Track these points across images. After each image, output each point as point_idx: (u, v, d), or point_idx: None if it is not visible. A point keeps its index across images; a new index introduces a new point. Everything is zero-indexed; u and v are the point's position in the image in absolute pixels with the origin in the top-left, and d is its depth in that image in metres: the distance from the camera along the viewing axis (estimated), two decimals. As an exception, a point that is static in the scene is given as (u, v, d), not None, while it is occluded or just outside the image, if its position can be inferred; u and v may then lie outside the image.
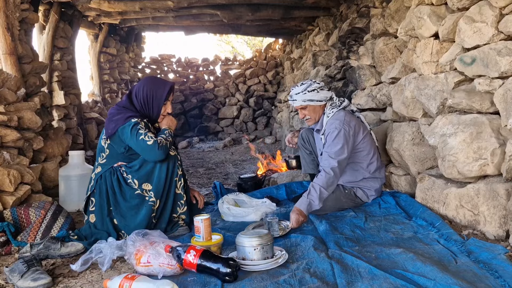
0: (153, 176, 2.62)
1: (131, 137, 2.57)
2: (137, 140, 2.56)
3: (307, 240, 2.32)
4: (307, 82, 2.95)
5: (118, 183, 2.63)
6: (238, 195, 3.22)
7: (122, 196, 2.62)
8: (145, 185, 2.62)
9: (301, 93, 2.91)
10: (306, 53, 7.61)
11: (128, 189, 2.62)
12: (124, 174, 2.64)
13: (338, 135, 2.79)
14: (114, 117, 2.66)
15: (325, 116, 2.93)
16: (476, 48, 2.41)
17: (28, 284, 1.94)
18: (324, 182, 2.70)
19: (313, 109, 2.97)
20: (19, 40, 4.15)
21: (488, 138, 2.33)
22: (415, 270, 1.85)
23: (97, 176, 2.67)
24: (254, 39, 14.84)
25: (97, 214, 2.62)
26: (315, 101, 2.92)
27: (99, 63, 7.98)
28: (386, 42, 3.76)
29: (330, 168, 2.73)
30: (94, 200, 2.65)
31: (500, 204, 2.23)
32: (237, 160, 6.91)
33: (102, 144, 2.73)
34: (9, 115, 3.39)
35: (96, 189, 2.65)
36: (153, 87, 2.78)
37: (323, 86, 2.95)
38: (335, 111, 2.91)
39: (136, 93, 2.78)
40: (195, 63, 11.76)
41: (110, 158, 2.70)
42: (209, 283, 1.86)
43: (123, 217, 2.60)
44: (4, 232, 2.55)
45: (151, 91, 2.76)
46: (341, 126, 2.81)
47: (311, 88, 2.90)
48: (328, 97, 2.95)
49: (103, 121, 7.34)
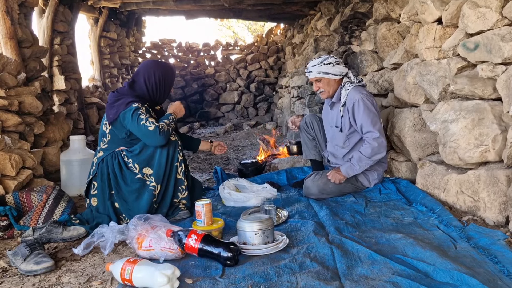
0: (153, 160, 2.63)
1: (132, 122, 2.57)
2: (138, 125, 2.56)
3: (308, 225, 2.33)
4: (324, 56, 3.00)
5: (119, 167, 2.64)
6: (239, 180, 3.22)
7: (123, 180, 2.63)
8: (146, 169, 2.63)
9: (317, 66, 2.96)
10: (307, 38, 7.55)
11: (129, 173, 2.63)
12: (125, 158, 2.65)
13: (366, 106, 2.85)
14: (115, 103, 2.65)
15: (344, 89, 2.97)
16: (479, 34, 2.38)
17: (31, 267, 1.95)
18: (367, 151, 2.83)
19: (327, 82, 3.00)
20: (19, 24, 4.12)
21: (489, 124, 2.32)
22: (414, 255, 1.86)
23: (98, 160, 2.69)
24: (255, 24, 14.70)
25: (99, 198, 2.64)
26: (330, 74, 2.96)
27: (99, 47, 7.92)
28: (388, 27, 3.72)
29: (372, 138, 2.83)
30: (96, 183, 2.67)
31: (500, 190, 2.23)
32: (238, 146, 6.92)
33: (104, 129, 2.73)
34: (9, 100, 3.38)
35: (98, 173, 2.66)
36: (164, 71, 2.81)
37: (339, 61, 2.98)
38: (354, 85, 2.96)
39: (146, 79, 2.76)
40: (195, 48, 11.69)
41: (112, 143, 2.71)
42: (210, 267, 1.88)
43: (124, 201, 2.61)
44: (7, 216, 2.56)
45: (163, 76, 2.79)
46: (366, 98, 2.88)
47: (327, 62, 2.94)
48: (344, 73, 2.99)
49: (104, 106, 7.32)
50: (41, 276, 1.94)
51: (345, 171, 2.89)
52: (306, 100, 6.03)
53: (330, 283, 1.64)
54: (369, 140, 2.84)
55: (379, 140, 2.82)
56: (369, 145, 2.84)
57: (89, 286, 1.82)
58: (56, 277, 1.92)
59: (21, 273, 1.97)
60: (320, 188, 2.91)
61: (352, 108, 2.90)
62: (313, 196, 2.93)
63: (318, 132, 3.31)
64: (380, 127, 2.87)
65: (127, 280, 1.71)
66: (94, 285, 1.82)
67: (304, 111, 6.15)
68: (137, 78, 2.79)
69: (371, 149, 2.82)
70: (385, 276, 1.68)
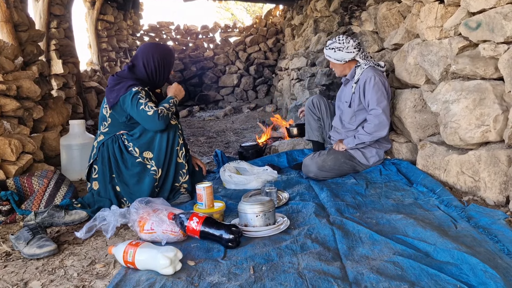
0: (153, 144, 2.62)
1: (132, 107, 2.55)
2: (137, 110, 2.54)
3: (308, 207, 2.34)
4: (334, 39, 3.05)
5: (119, 150, 2.64)
6: (239, 163, 3.23)
7: (124, 164, 2.64)
8: (146, 153, 2.62)
9: (325, 48, 3.08)
10: (307, 20, 7.46)
11: (129, 157, 2.63)
12: (126, 141, 2.65)
13: (376, 84, 2.92)
14: (115, 87, 2.63)
15: (359, 68, 3.02)
16: (481, 12, 2.35)
17: (34, 251, 1.97)
18: (368, 127, 2.93)
19: (333, 64, 3.12)
20: (14, 7, 4.06)
21: (491, 104, 2.31)
22: (415, 235, 1.87)
23: (99, 144, 2.68)
24: (254, 5, 14.55)
25: (100, 181, 2.64)
26: (332, 59, 3.05)
27: (97, 30, 7.85)
28: (389, 7, 3.67)
29: (374, 115, 2.91)
30: (97, 167, 2.66)
31: (501, 170, 2.23)
32: (238, 129, 6.91)
33: (104, 113, 2.71)
34: (7, 84, 3.36)
35: (99, 156, 2.66)
36: (163, 54, 2.78)
37: (343, 47, 2.98)
38: (370, 65, 3.01)
39: (145, 62, 2.73)
40: (194, 30, 11.58)
41: (112, 127, 2.70)
42: (212, 249, 1.89)
43: (125, 185, 2.62)
44: (8, 200, 2.57)
45: (162, 59, 2.77)
46: (378, 77, 2.94)
47: (331, 46, 3.02)
48: (346, 59, 3.01)
49: (103, 90, 7.28)
50: (44, 259, 1.95)
51: (346, 142, 3.03)
52: (306, 82, 6.00)
53: (331, 264, 1.66)
54: (371, 117, 2.91)
55: (381, 117, 2.87)
56: (370, 121, 2.91)
57: (92, 269, 1.83)
58: (59, 260, 1.94)
59: (24, 257, 1.98)
60: (319, 165, 2.92)
61: (364, 85, 2.95)
62: (312, 174, 2.94)
63: (325, 114, 3.35)
64: (385, 106, 2.91)
65: (130, 263, 1.72)
66: (97, 268, 1.84)
67: (304, 93, 6.12)
68: (137, 62, 2.76)
69: (373, 125, 2.89)
70: (385, 256, 1.69)
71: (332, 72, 4.82)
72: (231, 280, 1.59)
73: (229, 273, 1.64)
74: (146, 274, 1.67)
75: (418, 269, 1.57)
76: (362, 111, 3.02)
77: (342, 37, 3.05)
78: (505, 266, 1.57)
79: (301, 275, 1.57)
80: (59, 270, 1.84)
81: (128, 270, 1.73)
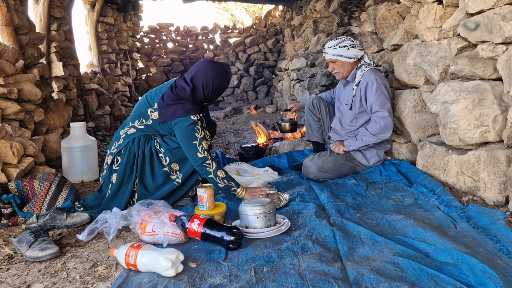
0: (186, 162, 2.59)
1: (184, 135, 2.51)
2: (189, 142, 2.50)
3: (309, 208, 2.35)
4: (341, 38, 3.04)
5: (150, 153, 2.59)
6: (240, 164, 3.24)
7: (151, 168, 2.59)
8: (174, 165, 2.60)
9: (333, 47, 3.01)
10: (306, 20, 7.47)
11: (157, 163, 2.59)
12: (158, 146, 2.60)
13: (378, 86, 2.91)
14: (174, 105, 2.55)
15: (360, 70, 3.02)
16: (480, 13, 2.36)
17: (36, 253, 1.98)
18: (374, 128, 2.90)
19: (341, 64, 3.05)
20: (15, 10, 4.08)
21: (490, 104, 2.32)
22: (415, 236, 1.88)
23: (128, 137, 2.62)
24: (254, 6, 14.55)
25: (119, 175, 2.58)
26: (343, 57, 3.00)
27: (97, 32, 7.85)
28: (388, 7, 3.69)
29: (380, 117, 2.89)
30: (120, 159, 2.60)
31: (500, 170, 2.24)
32: (238, 130, 6.91)
33: (148, 114, 2.62)
34: (8, 88, 3.37)
35: (125, 149, 2.60)
36: (221, 78, 2.70)
37: (355, 45, 3.00)
38: (371, 67, 3.00)
39: (204, 85, 2.63)
40: (194, 31, 11.59)
41: (150, 128, 2.63)
42: (213, 250, 1.90)
43: (144, 187, 2.58)
44: (10, 203, 2.58)
45: (220, 83, 2.69)
46: (380, 79, 2.93)
47: (342, 44, 2.98)
48: (359, 56, 3.02)
49: (103, 92, 7.29)
50: (46, 262, 1.96)
51: (347, 144, 3.00)
52: (306, 83, 6.01)
53: (332, 265, 1.67)
54: (377, 118, 2.90)
55: (387, 119, 2.87)
56: (376, 123, 2.90)
57: (94, 271, 1.84)
58: (62, 263, 1.95)
59: (27, 259, 1.99)
60: (319, 166, 2.93)
61: (365, 88, 2.95)
62: (312, 175, 2.95)
63: (324, 115, 3.35)
64: (389, 108, 2.91)
65: (132, 265, 1.73)
66: (99, 270, 1.85)
67: (303, 93, 6.13)
68: (195, 82, 2.64)
69: (378, 127, 2.89)
70: (386, 257, 1.70)
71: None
72: (232, 281, 1.60)
73: (230, 274, 1.65)
74: (148, 276, 1.68)
75: (418, 269, 1.58)
76: (364, 113, 3.02)
77: (346, 36, 3.05)
78: (504, 266, 1.58)
79: (302, 276, 1.58)
80: (62, 273, 1.85)
81: (130, 272, 1.74)
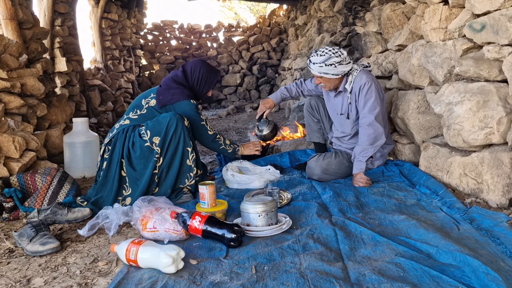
0: (161, 129, 2.68)
1: (189, 117, 2.79)
2: (197, 123, 2.86)
3: (311, 207, 2.34)
4: (327, 54, 2.79)
5: (133, 137, 2.72)
6: (242, 163, 3.22)
7: (133, 148, 2.71)
8: (155, 138, 2.67)
9: (318, 65, 2.81)
10: (311, 20, 7.46)
11: (139, 140, 2.69)
12: (140, 127, 2.76)
13: (370, 88, 2.83)
14: (171, 90, 2.86)
15: (350, 75, 2.90)
16: (486, 14, 2.35)
17: (37, 248, 1.98)
18: (364, 140, 2.80)
19: (328, 80, 2.90)
20: (19, 5, 4.08)
21: (494, 106, 2.31)
22: (417, 237, 1.87)
23: (121, 127, 2.78)
24: (258, 5, 14.54)
25: (108, 161, 2.73)
26: (330, 75, 2.84)
27: (101, 29, 7.86)
28: (393, 8, 3.67)
29: (367, 125, 2.80)
30: (111, 148, 2.75)
31: (504, 172, 2.23)
32: (241, 128, 6.91)
33: (142, 104, 2.87)
34: (12, 82, 3.37)
35: (116, 138, 2.75)
36: (209, 71, 3.06)
37: (343, 60, 2.81)
38: (360, 69, 2.92)
39: (191, 71, 3.01)
40: (197, 29, 11.58)
41: (143, 117, 2.82)
42: (214, 248, 1.89)
43: (133, 169, 2.68)
44: (12, 197, 2.58)
45: (206, 74, 3.03)
46: (371, 81, 2.85)
47: (329, 62, 2.78)
48: (346, 71, 2.86)
49: (106, 88, 7.30)
50: (47, 256, 1.96)
51: (358, 169, 2.80)
52: (309, 82, 5.99)
53: (333, 264, 1.66)
54: (363, 126, 2.81)
55: (375, 125, 2.77)
56: (363, 133, 2.80)
57: (95, 267, 1.84)
58: (62, 257, 1.95)
59: (27, 253, 1.99)
60: (323, 168, 2.91)
61: (358, 91, 2.87)
62: (316, 177, 2.94)
63: (323, 115, 3.32)
64: (377, 113, 2.80)
65: (132, 261, 1.73)
66: (100, 266, 1.84)
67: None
68: (186, 68, 3.03)
69: (366, 136, 2.78)
70: (387, 257, 1.69)
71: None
72: (233, 279, 1.59)
73: (231, 272, 1.65)
74: (149, 273, 1.68)
75: (420, 270, 1.57)
76: None
77: (333, 49, 2.82)
78: (507, 268, 1.57)
79: (303, 275, 1.57)
80: (62, 268, 1.85)
81: (131, 268, 1.74)
